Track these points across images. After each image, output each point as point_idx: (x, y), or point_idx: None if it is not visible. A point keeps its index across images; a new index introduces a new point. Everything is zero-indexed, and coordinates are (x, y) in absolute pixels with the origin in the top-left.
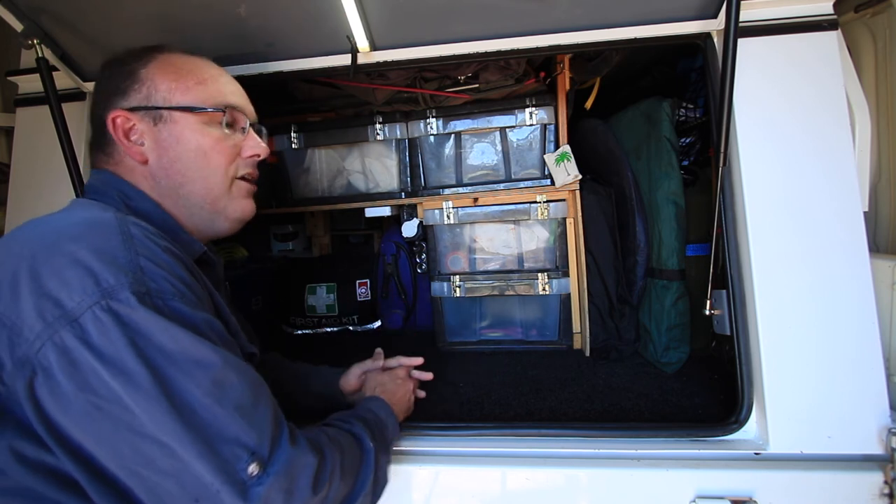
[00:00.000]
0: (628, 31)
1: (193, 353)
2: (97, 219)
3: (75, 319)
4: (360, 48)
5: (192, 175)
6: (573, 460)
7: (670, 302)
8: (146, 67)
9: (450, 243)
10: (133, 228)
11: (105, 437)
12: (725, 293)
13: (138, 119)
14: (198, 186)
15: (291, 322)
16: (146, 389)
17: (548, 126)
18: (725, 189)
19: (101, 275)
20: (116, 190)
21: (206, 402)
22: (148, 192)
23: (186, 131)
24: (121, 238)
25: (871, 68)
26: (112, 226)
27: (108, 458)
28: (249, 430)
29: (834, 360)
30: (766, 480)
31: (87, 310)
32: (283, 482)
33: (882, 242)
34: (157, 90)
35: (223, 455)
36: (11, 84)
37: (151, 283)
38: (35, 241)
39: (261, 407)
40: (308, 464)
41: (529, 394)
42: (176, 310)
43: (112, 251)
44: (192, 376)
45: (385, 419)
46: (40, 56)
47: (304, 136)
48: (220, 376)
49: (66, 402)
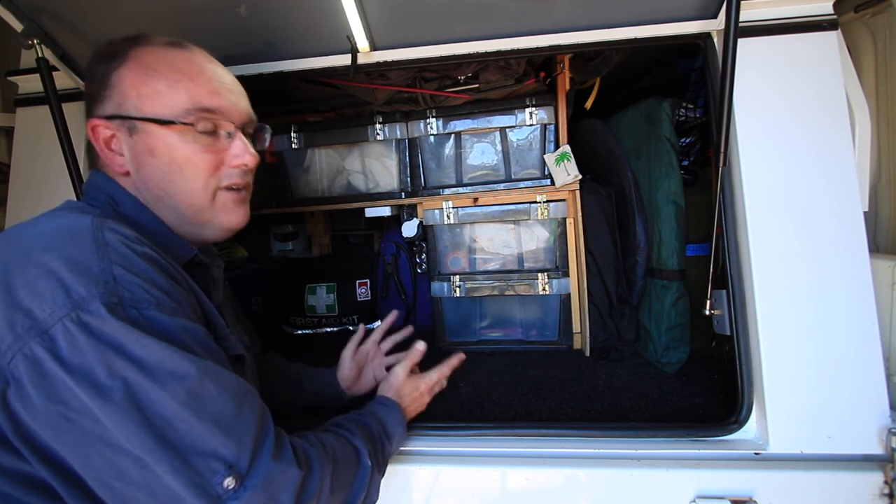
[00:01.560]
0: (628, 31)
1: (168, 365)
2: (72, 226)
3: (45, 331)
4: (360, 48)
5: (170, 189)
6: (573, 460)
7: (670, 302)
8: (117, 70)
9: (450, 243)
10: (108, 235)
11: (77, 448)
12: (725, 293)
13: (116, 128)
14: (178, 200)
15: (291, 322)
16: (116, 402)
17: (548, 126)
18: (725, 189)
19: (71, 286)
20: (105, 194)
21: (181, 415)
22: (137, 197)
23: (159, 143)
24: (94, 246)
25: (871, 68)
26: (86, 233)
27: (81, 468)
28: (227, 443)
29: (834, 360)
30: (766, 480)
31: (58, 322)
32: (260, 497)
33: (882, 242)
34: (127, 97)
35: (197, 468)
36: (11, 84)
37: (125, 293)
38: (9, 250)
39: (243, 417)
40: (291, 478)
41: (529, 394)
42: (151, 319)
43: (84, 261)
44: (167, 388)
45: (392, 430)
46: (40, 56)
47: (304, 136)
48: (197, 388)
49: (36, 413)
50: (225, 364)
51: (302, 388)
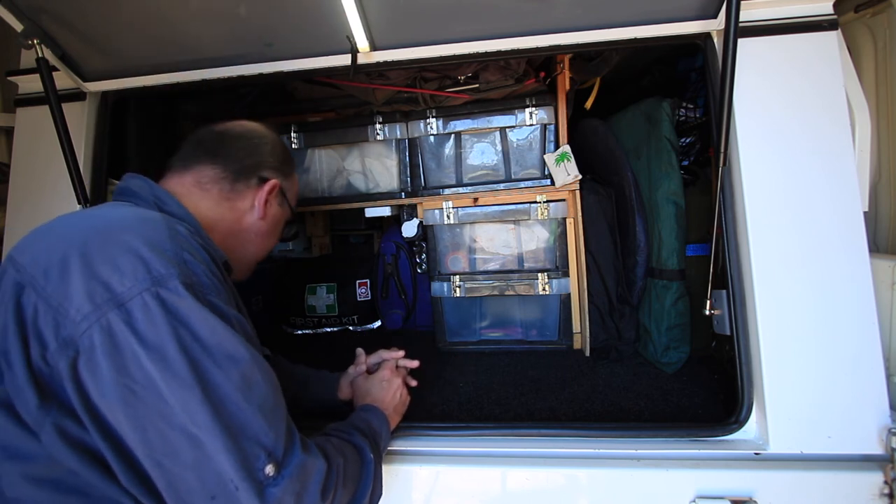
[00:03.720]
0: (628, 31)
1: (227, 347)
2: (146, 215)
3: (123, 304)
4: (360, 48)
5: (263, 245)
6: (573, 460)
7: (670, 302)
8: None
9: (450, 243)
10: (178, 226)
11: (137, 421)
12: (725, 293)
13: (274, 195)
14: (250, 252)
15: (291, 322)
16: (182, 378)
17: (548, 126)
18: (725, 189)
19: (152, 263)
20: (153, 195)
21: (234, 397)
22: (200, 213)
23: (280, 220)
24: (168, 232)
25: (871, 68)
26: (160, 221)
27: (136, 444)
28: (269, 431)
29: (834, 360)
30: (766, 480)
31: (137, 295)
32: (295, 485)
33: (882, 242)
34: (293, 187)
35: (246, 451)
36: (11, 84)
37: (194, 277)
38: (87, 228)
39: (279, 408)
40: (318, 469)
41: (529, 394)
42: (214, 304)
43: (161, 243)
44: (225, 370)
45: (378, 428)
46: (40, 56)
47: (304, 136)
48: (249, 373)
49: (103, 384)
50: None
51: (306, 389)
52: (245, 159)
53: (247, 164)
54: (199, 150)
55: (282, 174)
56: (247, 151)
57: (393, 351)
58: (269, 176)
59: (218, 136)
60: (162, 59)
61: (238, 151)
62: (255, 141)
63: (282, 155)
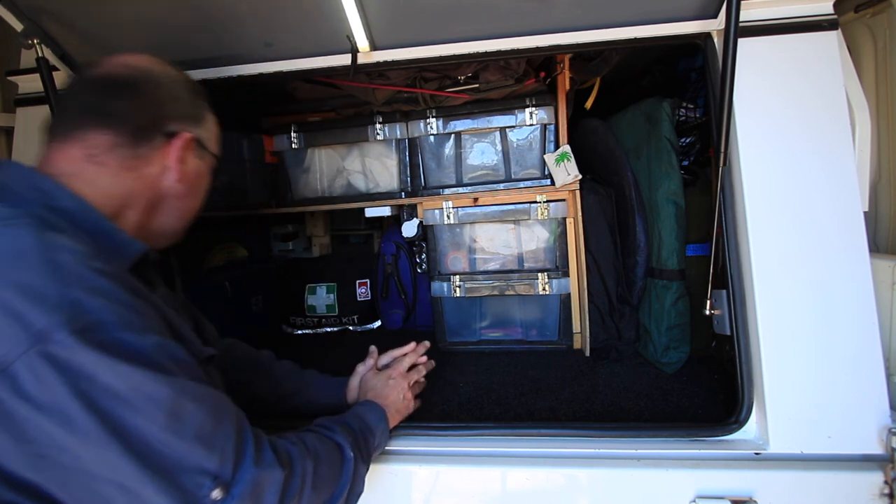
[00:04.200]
0: (628, 31)
1: (145, 389)
2: (14, 247)
3: (4, 370)
4: (360, 48)
5: (187, 205)
6: (573, 460)
7: (670, 302)
8: (206, 110)
9: (450, 243)
10: (60, 256)
11: (58, 482)
12: (725, 293)
13: (195, 148)
14: (185, 217)
15: (291, 322)
16: (95, 435)
17: (548, 126)
18: (725, 189)
19: (29, 317)
20: (34, 189)
21: (163, 437)
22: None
23: (204, 173)
24: (47, 269)
25: (871, 68)
26: (33, 254)
27: (66, 498)
28: (210, 455)
29: (834, 360)
30: (766, 480)
31: (18, 358)
32: (247, 502)
33: (882, 242)
34: (210, 134)
35: (184, 486)
36: (11, 84)
37: (90, 316)
38: None
39: (222, 427)
40: (274, 480)
41: (529, 394)
42: (121, 342)
43: (39, 287)
44: (146, 413)
45: (373, 424)
46: (40, 56)
47: (304, 136)
48: (175, 407)
49: (8, 454)
50: (197, 374)
51: (303, 394)
52: (141, 115)
53: (145, 120)
54: (81, 111)
55: (192, 121)
56: (141, 103)
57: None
58: (176, 129)
59: (100, 87)
60: (161, 58)
61: (130, 105)
62: (149, 87)
63: (187, 96)
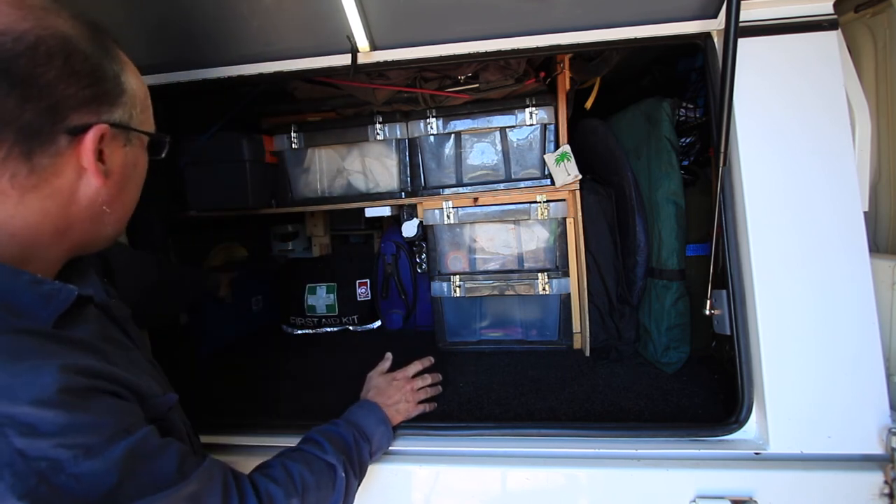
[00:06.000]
0: (628, 31)
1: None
2: None
3: None
4: (360, 48)
5: (127, 199)
6: (573, 460)
7: (670, 302)
8: (124, 73)
9: (450, 243)
10: None
11: None
12: (725, 293)
13: (116, 137)
14: (125, 213)
15: (291, 322)
16: None
17: (548, 126)
18: (725, 189)
19: None
20: None
21: None
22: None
23: (140, 156)
24: None
25: (871, 68)
26: None
27: None
28: None
29: (834, 360)
30: (766, 480)
31: None
32: None
33: (882, 242)
34: (135, 107)
35: None
36: None
37: (41, 464)
38: None
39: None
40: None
41: (529, 394)
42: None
43: None
44: None
45: (369, 431)
46: None
47: (304, 136)
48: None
49: None
50: (171, 454)
51: None
52: (26, 111)
53: (34, 119)
54: None
55: (103, 102)
56: (23, 96)
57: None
58: (81, 122)
59: None
60: (160, 59)
61: (7, 102)
62: (27, 67)
63: (87, 70)
